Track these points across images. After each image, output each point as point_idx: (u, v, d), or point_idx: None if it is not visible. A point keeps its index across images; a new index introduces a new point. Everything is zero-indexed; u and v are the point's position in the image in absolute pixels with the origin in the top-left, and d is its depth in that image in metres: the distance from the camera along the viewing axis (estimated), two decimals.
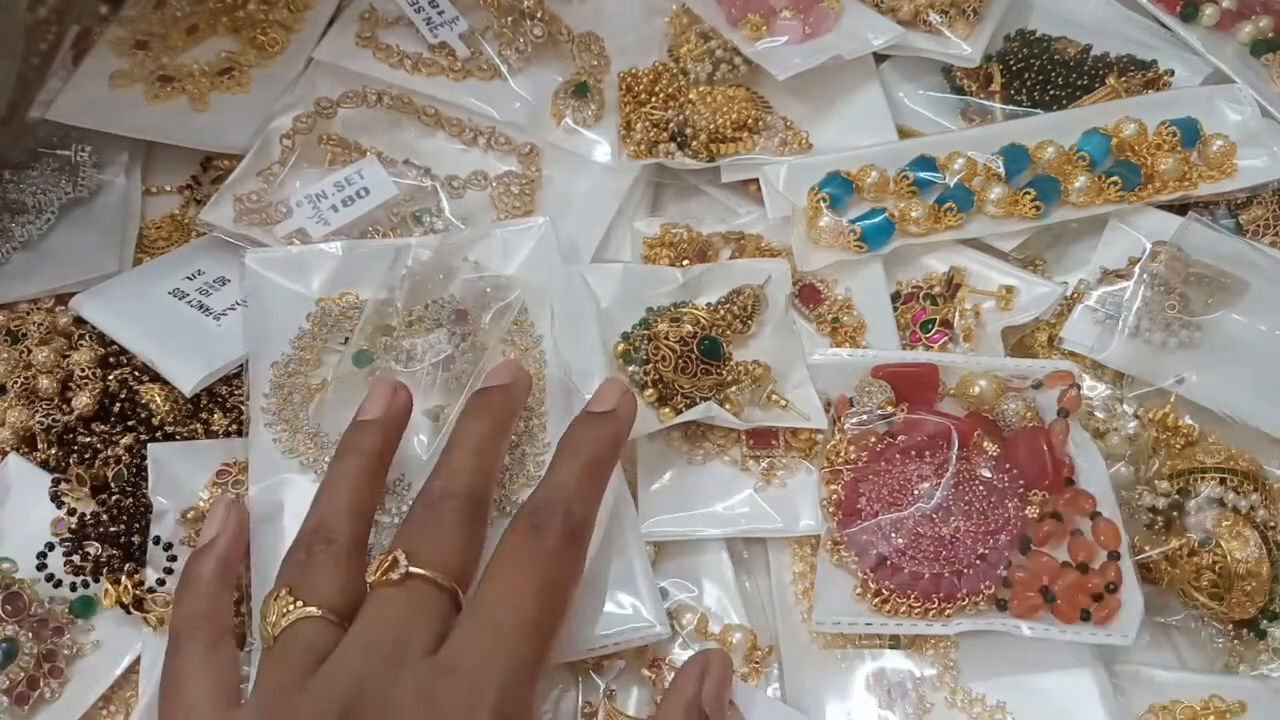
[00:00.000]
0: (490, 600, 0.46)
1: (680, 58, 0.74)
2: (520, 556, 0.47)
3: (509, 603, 0.46)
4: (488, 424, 0.53)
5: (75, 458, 0.61)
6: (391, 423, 0.55)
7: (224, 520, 0.54)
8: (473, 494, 0.50)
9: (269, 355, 0.62)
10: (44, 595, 0.57)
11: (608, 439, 0.53)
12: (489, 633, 0.45)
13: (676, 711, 0.49)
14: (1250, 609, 0.54)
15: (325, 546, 0.49)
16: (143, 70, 0.77)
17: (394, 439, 0.55)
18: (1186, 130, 0.69)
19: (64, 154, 0.73)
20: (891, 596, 0.53)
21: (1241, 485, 0.56)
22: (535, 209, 0.70)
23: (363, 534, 0.51)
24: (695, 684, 0.50)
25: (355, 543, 0.50)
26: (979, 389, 0.58)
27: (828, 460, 0.58)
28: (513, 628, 0.45)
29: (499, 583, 0.47)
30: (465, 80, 0.75)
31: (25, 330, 0.67)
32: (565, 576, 0.48)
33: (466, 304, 0.62)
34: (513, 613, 0.45)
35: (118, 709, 0.57)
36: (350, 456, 0.53)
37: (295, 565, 0.49)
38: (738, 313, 0.62)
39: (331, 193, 0.67)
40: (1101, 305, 0.64)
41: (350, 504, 0.51)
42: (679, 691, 0.50)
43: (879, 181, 0.68)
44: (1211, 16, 0.76)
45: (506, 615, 0.45)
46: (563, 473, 0.50)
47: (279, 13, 0.79)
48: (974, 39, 0.73)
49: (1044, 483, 0.55)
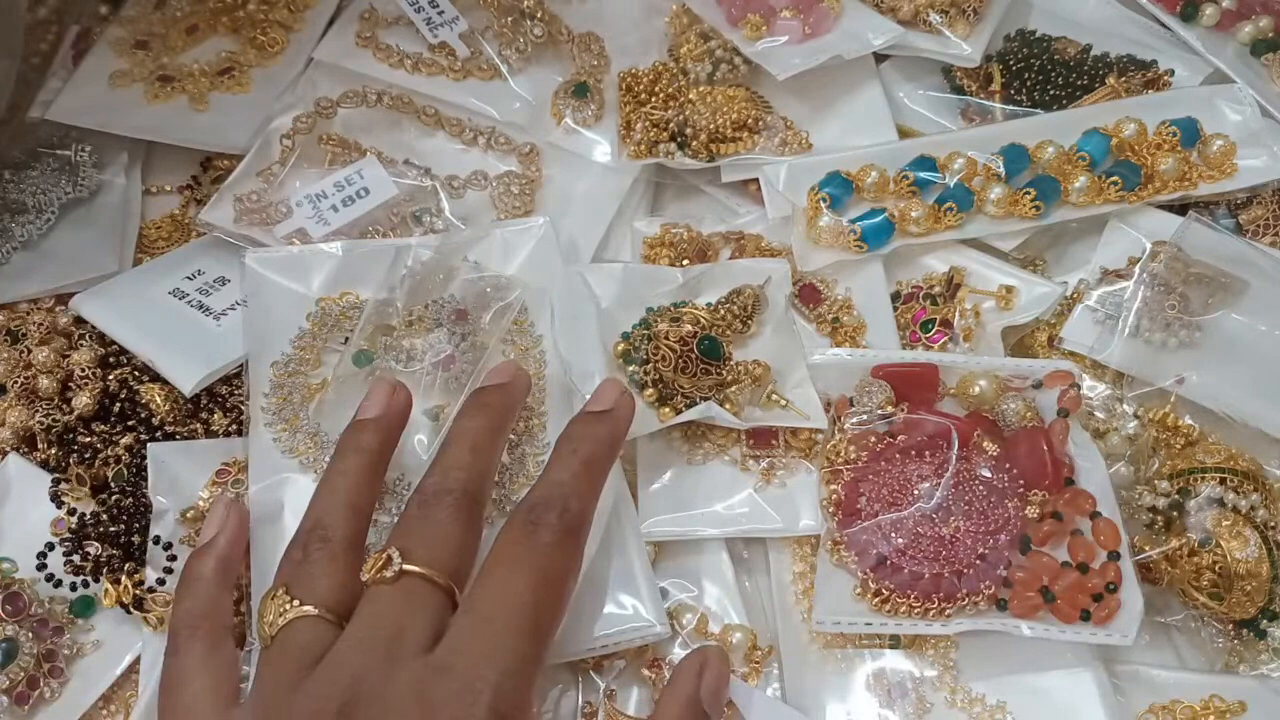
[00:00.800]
0: (486, 597, 0.46)
1: (680, 58, 0.74)
2: (516, 553, 0.47)
3: (505, 599, 0.45)
4: (484, 421, 0.53)
5: (75, 457, 0.61)
6: (390, 421, 0.55)
7: (224, 519, 0.54)
8: (468, 490, 0.50)
9: (269, 355, 0.62)
10: (44, 595, 0.57)
11: (605, 438, 0.53)
12: (485, 630, 0.44)
13: (675, 707, 0.49)
14: (1250, 609, 0.54)
15: (322, 545, 0.49)
16: (143, 70, 0.77)
17: (393, 438, 0.55)
18: (1186, 130, 0.69)
19: (64, 154, 0.73)
20: (891, 596, 0.53)
21: (1241, 485, 0.56)
22: (535, 209, 0.70)
23: (360, 532, 0.51)
24: (694, 681, 0.50)
25: (352, 540, 0.50)
26: (979, 389, 0.58)
27: (828, 460, 0.58)
28: (509, 625, 0.45)
29: (495, 579, 0.46)
30: (465, 80, 0.75)
31: (25, 330, 0.67)
32: (562, 572, 0.47)
33: (466, 304, 0.62)
34: (509, 609, 0.45)
35: (118, 709, 0.57)
36: (348, 455, 0.53)
37: (292, 564, 0.49)
38: (738, 313, 0.62)
39: (331, 193, 0.67)
40: (1101, 305, 0.64)
41: (348, 501, 0.51)
42: (677, 688, 0.50)
43: (879, 181, 0.68)
44: (1211, 16, 0.76)
45: (502, 612, 0.45)
46: (559, 470, 0.50)
47: (279, 13, 0.80)
48: (974, 39, 0.73)
49: (1044, 483, 0.56)
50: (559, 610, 0.47)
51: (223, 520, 0.54)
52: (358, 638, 0.45)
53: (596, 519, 0.52)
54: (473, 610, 0.46)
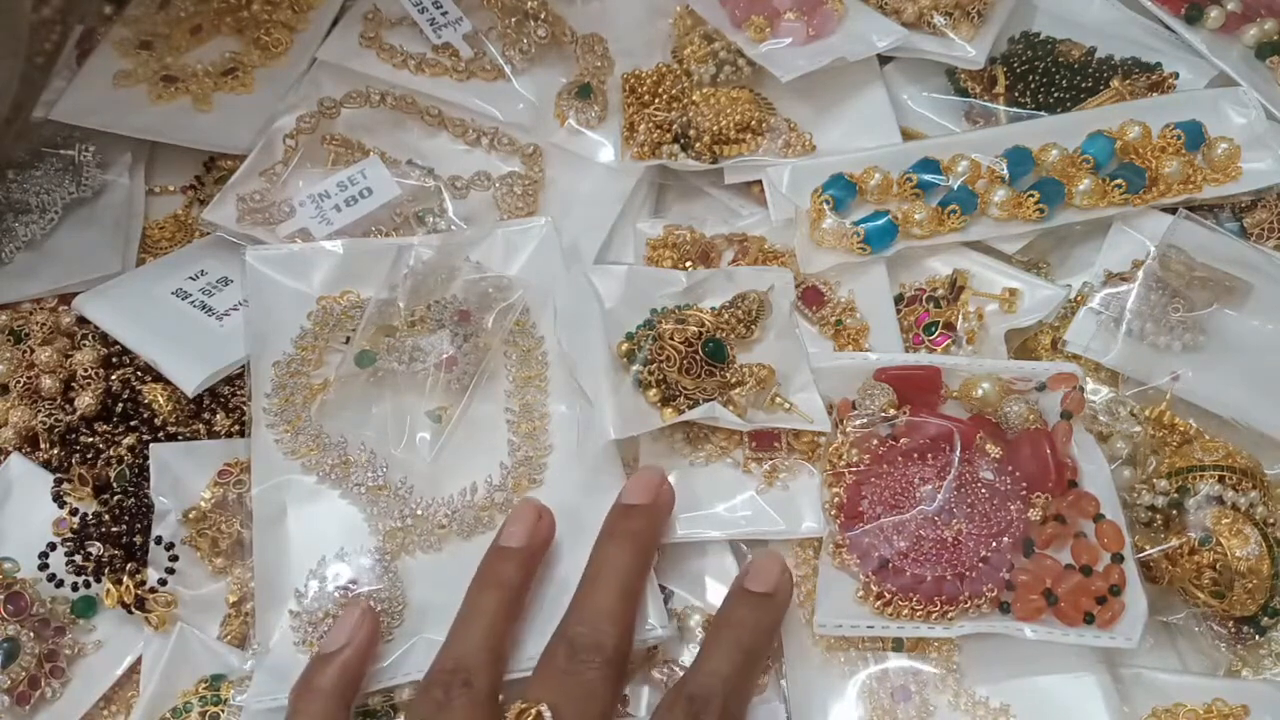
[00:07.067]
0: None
1: (684, 59, 0.74)
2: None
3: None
4: (631, 558, 0.52)
5: (77, 458, 0.61)
6: (534, 551, 0.53)
7: (355, 628, 0.52)
8: (619, 649, 0.49)
9: (270, 354, 0.62)
10: (46, 595, 0.57)
11: (768, 628, 0.52)
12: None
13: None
14: (1251, 606, 0.54)
15: (464, 691, 0.48)
16: (146, 70, 0.77)
17: (534, 569, 0.53)
18: (1191, 133, 0.69)
19: (68, 154, 0.73)
20: (894, 599, 0.53)
21: (1240, 483, 0.56)
22: (538, 210, 0.70)
23: (499, 677, 0.50)
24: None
25: (493, 686, 0.49)
26: (982, 391, 0.58)
27: (830, 463, 0.58)
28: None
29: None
30: (469, 81, 0.75)
31: (28, 330, 0.67)
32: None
33: (469, 304, 0.62)
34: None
35: (119, 708, 0.57)
36: (490, 588, 0.52)
37: (432, 705, 0.48)
38: (742, 316, 0.62)
39: (334, 192, 0.67)
40: (1105, 308, 0.64)
41: (489, 645, 0.50)
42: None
43: (882, 184, 0.68)
44: (1216, 19, 0.76)
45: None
46: (721, 661, 0.49)
47: (283, 13, 0.80)
48: (978, 41, 0.73)
49: (1047, 485, 0.55)
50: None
51: (354, 629, 0.52)
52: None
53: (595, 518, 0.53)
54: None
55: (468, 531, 0.57)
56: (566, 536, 0.55)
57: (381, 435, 0.59)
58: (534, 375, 0.62)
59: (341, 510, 0.58)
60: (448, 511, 0.57)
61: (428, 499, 0.57)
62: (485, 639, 0.50)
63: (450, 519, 0.57)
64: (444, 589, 0.53)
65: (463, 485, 0.58)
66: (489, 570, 0.52)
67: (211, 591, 0.58)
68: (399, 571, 0.55)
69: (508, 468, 0.59)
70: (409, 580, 0.55)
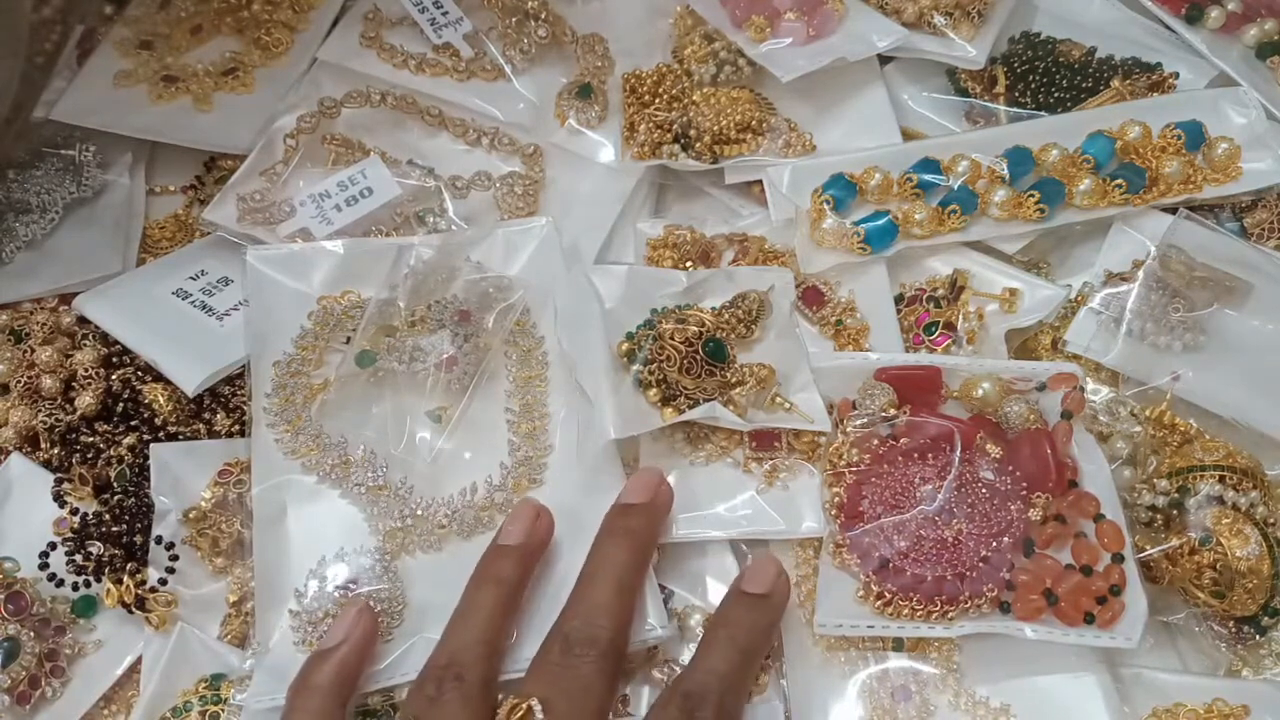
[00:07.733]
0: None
1: (684, 59, 0.74)
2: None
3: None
4: (628, 555, 0.52)
5: (78, 457, 0.61)
6: (532, 549, 0.54)
7: (352, 626, 0.52)
8: (614, 644, 0.49)
9: (271, 354, 0.62)
10: (46, 594, 0.57)
11: (764, 628, 0.52)
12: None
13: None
14: (1251, 606, 0.54)
15: (456, 684, 0.48)
16: (147, 70, 0.77)
17: (532, 566, 0.54)
18: (1191, 133, 0.69)
19: (68, 154, 0.73)
20: (894, 599, 0.53)
21: (1241, 483, 0.56)
22: (538, 210, 0.70)
23: (495, 671, 0.50)
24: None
25: (487, 682, 0.49)
26: (982, 391, 0.58)
27: (830, 463, 0.58)
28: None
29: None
30: (469, 81, 0.75)
31: (29, 330, 0.67)
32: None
33: (469, 304, 0.62)
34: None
35: (119, 708, 0.57)
36: (486, 585, 0.52)
37: (424, 700, 0.48)
38: (742, 316, 0.62)
39: (335, 192, 0.67)
40: (1105, 308, 0.64)
41: (483, 639, 0.50)
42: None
43: (882, 184, 0.68)
44: (1216, 19, 0.76)
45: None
46: (717, 660, 0.49)
47: (283, 13, 0.80)
48: (978, 41, 0.73)
49: (1047, 485, 0.55)
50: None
51: (350, 627, 0.52)
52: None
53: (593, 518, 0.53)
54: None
55: (468, 531, 0.57)
56: (566, 536, 0.55)
57: (381, 435, 0.59)
58: (534, 375, 0.62)
59: (341, 510, 0.58)
60: (448, 511, 0.57)
61: (428, 499, 0.57)
62: (480, 634, 0.50)
63: (450, 519, 0.57)
64: (444, 589, 0.53)
65: (463, 485, 0.58)
66: (486, 567, 0.53)
67: (211, 591, 0.58)
68: (399, 571, 0.55)
69: (508, 468, 0.59)
70: (409, 580, 0.55)
